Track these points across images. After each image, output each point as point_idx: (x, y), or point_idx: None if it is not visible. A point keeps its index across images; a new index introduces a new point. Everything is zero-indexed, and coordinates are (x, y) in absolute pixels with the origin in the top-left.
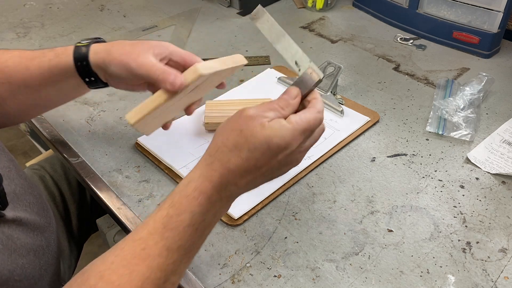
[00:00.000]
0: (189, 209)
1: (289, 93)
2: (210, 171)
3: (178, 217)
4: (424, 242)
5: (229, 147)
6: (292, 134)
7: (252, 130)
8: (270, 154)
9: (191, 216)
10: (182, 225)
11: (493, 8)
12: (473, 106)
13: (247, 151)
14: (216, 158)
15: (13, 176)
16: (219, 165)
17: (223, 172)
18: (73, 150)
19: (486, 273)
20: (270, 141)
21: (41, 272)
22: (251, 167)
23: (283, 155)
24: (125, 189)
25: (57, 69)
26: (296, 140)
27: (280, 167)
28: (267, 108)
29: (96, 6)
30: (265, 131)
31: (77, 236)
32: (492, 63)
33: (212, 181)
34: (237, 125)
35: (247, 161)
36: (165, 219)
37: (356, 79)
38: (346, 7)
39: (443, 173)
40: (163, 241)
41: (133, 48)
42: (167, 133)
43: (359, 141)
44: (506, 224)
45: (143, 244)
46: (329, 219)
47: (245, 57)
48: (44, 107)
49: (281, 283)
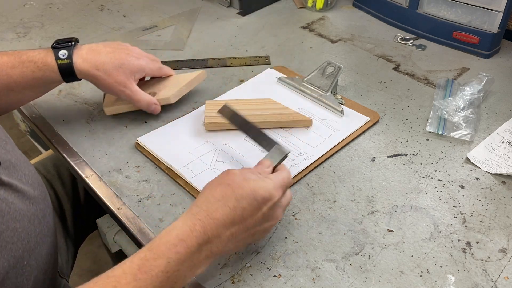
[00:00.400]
0: (166, 255)
1: (263, 164)
2: (194, 220)
3: (154, 262)
4: (424, 242)
5: (217, 197)
6: (274, 187)
7: (239, 183)
8: (256, 204)
9: (166, 263)
10: (156, 270)
11: (493, 8)
12: (473, 106)
13: (235, 200)
14: (202, 209)
15: (10, 148)
16: (204, 215)
17: (207, 222)
18: (73, 150)
19: (486, 273)
20: (256, 192)
21: (37, 240)
22: (237, 217)
23: (267, 208)
24: (125, 189)
25: (42, 80)
26: (277, 192)
27: (262, 222)
28: (248, 171)
29: (96, 6)
30: (251, 183)
31: (73, 234)
32: (492, 63)
33: (194, 230)
34: (224, 180)
35: (234, 210)
36: (141, 261)
37: (356, 79)
38: (346, 7)
39: (443, 173)
40: (135, 283)
41: (117, 74)
42: (167, 133)
43: (359, 141)
44: (506, 224)
45: (115, 282)
46: (329, 219)
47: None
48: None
49: (281, 283)
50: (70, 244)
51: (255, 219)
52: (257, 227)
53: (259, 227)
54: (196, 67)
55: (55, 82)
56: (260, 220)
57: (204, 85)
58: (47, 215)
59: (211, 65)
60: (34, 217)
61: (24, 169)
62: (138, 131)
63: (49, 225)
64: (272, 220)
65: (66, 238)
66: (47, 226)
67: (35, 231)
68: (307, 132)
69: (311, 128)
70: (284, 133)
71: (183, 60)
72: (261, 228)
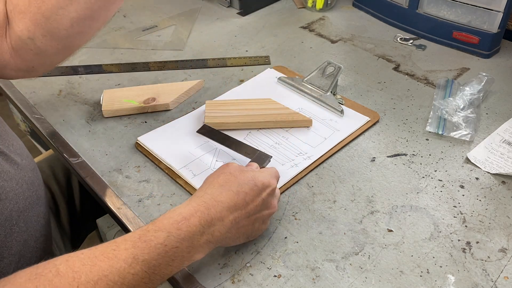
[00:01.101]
0: (167, 229)
1: (252, 165)
2: (199, 201)
3: (155, 233)
4: (424, 242)
5: (220, 183)
6: (270, 175)
7: (240, 171)
8: (257, 189)
9: (166, 236)
10: (155, 241)
11: (493, 8)
12: (473, 106)
13: (237, 185)
14: (206, 192)
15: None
16: (208, 198)
17: (211, 204)
18: (73, 150)
19: (486, 273)
20: (256, 178)
21: (26, 204)
22: (240, 201)
23: (266, 194)
24: (125, 189)
25: None
26: (273, 180)
27: (262, 208)
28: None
29: None
30: (250, 173)
31: (69, 232)
32: (492, 63)
33: (198, 210)
34: (225, 170)
35: (237, 194)
36: (142, 231)
37: (356, 79)
38: (346, 7)
39: (443, 173)
40: (133, 249)
41: None
42: (167, 133)
43: (359, 141)
44: (506, 224)
45: (115, 246)
46: (329, 219)
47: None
48: (87, 20)
49: (281, 283)
50: (67, 242)
51: (255, 205)
52: (257, 214)
53: (258, 214)
54: (196, 67)
55: None
56: (260, 206)
57: (204, 85)
58: (36, 185)
59: (211, 65)
60: (22, 181)
61: (11, 140)
62: (138, 131)
63: (39, 196)
64: (269, 208)
65: (62, 236)
66: (36, 195)
67: (23, 195)
68: (307, 132)
69: (311, 128)
70: (284, 133)
71: (183, 60)
72: (260, 215)
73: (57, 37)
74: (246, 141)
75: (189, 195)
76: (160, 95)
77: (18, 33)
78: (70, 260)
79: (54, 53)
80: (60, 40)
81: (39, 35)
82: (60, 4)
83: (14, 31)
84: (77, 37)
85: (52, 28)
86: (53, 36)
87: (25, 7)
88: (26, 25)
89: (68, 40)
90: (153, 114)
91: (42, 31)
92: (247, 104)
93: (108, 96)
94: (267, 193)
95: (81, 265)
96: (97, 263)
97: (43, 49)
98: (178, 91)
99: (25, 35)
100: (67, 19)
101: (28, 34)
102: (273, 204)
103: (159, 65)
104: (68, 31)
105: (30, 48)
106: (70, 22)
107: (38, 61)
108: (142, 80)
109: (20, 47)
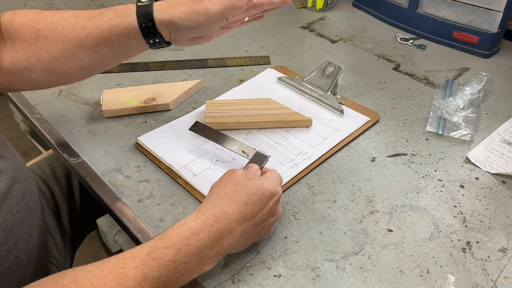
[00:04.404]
0: (177, 245)
1: (252, 167)
2: (208, 214)
3: (164, 250)
4: (424, 242)
5: (228, 193)
6: (275, 182)
7: (247, 180)
8: (264, 199)
9: (176, 253)
10: (165, 258)
11: (493, 8)
12: (473, 106)
13: (246, 195)
14: (215, 204)
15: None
16: (217, 210)
17: (220, 217)
18: (73, 150)
19: (486, 273)
20: (263, 187)
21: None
22: (249, 212)
23: (273, 202)
24: (125, 189)
25: (117, 29)
26: (279, 187)
27: (268, 217)
28: (247, 172)
29: (96, 6)
30: (256, 181)
31: (69, 232)
32: (492, 63)
33: (207, 224)
34: (232, 178)
35: (246, 205)
36: (151, 248)
37: (356, 79)
38: (346, 7)
39: (443, 173)
40: (142, 267)
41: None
42: (167, 133)
43: (359, 141)
44: (506, 224)
45: (124, 264)
46: (329, 219)
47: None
48: (96, 69)
49: (281, 283)
50: (67, 242)
51: (263, 214)
52: (264, 223)
53: (265, 223)
54: (196, 67)
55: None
56: (267, 214)
57: (204, 85)
58: (27, 196)
59: (211, 65)
60: (11, 197)
61: (1, 151)
62: (138, 131)
63: (30, 206)
64: (275, 215)
65: (63, 235)
66: (27, 207)
67: (12, 211)
68: (307, 132)
69: (311, 128)
70: (284, 133)
71: (183, 60)
72: (266, 223)
73: (58, 76)
74: (246, 141)
75: (189, 195)
76: (160, 95)
77: (15, 59)
78: (79, 280)
79: (46, 85)
80: (60, 78)
81: (38, 69)
82: (74, 51)
83: (9, 54)
84: (78, 79)
85: (56, 68)
86: (54, 74)
87: (30, 38)
88: (27, 55)
89: (67, 80)
90: (153, 114)
91: (44, 67)
92: (247, 104)
93: (108, 96)
94: (274, 201)
95: (90, 285)
96: (107, 283)
97: (37, 80)
98: (178, 91)
99: (22, 63)
100: (75, 65)
101: (26, 64)
102: (279, 211)
103: (159, 65)
104: (72, 74)
105: (23, 76)
106: (78, 68)
107: (26, 87)
108: (142, 80)
109: (12, 72)
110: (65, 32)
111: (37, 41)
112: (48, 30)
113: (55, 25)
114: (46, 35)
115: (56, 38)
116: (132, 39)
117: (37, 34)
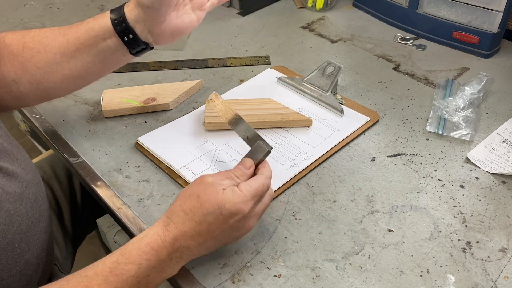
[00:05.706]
0: (137, 261)
1: (244, 164)
2: (165, 231)
3: (125, 266)
4: (424, 242)
5: (185, 210)
6: (243, 201)
7: (208, 196)
8: (222, 219)
9: (137, 269)
10: (127, 274)
11: (493, 8)
12: (473, 106)
13: (201, 215)
14: (172, 221)
15: (2, 134)
16: (174, 227)
17: (176, 234)
18: (73, 150)
19: (486, 273)
20: (223, 207)
21: (29, 223)
22: (203, 230)
23: (234, 221)
24: (125, 189)
25: (94, 30)
26: (247, 206)
27: (231, 232)
28: (224, 176)
29: (96, 6)
30: (218, 198)
31: (71, 232)
32: (492, 63)
33: (165, 240)
34: (196, 191)
35: (200, 224)
36: (113, 264)
37: (356, 79)
38: (346, 7)
39: (443, 173)
40: (105, 285)
41: None
42: (167, 133)
43: (359, 141)
44: (506, 224)
45: (87, 282)
46: (329, 219)
47: (245, 57)
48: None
49: (281, 283)
50: (68, 242)
51: (221, 230)
52: (226, 238)
53: (228, 237)
54: (196, 67)
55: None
56: (228, 231)
57: (204, 85)
58: (39, 200)
59: (211, 65)
60: (27, 200)
61: (16, 154)
62: (138, 131)
63: (42, 210)
64: (241, 230)
65: (65, 236)
66: (39, 211)
67: (27, 215)
68: (307, 132)
69: (311, 128)
70: (284, 133)
71: (183, 60)
72: (230, 237)
73: (43, 88)
74: None
75: None
76: (160, 95)
77: (4, 72)
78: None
79: (33, 100)
80: (45, 91)
81: (25, 81)
82: (56, 59)
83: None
84: (63, 91)
85: (41, 79)
86: (39, 85)
87: (18, 51)
88: (15, 68)
89: (52, 92)
90: (153, 114)
91: (30, 78)
92: (247, 104)
93: (108, 96)
94: (235, 220)
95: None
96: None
97: (24, 94)
98: (178, 91)
99: (11, 76)
100: (59, 75)
101: (14, 77)
102: (246, 226)
103: (159, 65)
104: (57, 85)
105: (12, 90)
106: (61, 78)
107: (13, 103)
108: (142, 80)
109: (1, 86)
110: (49, 41)
111: (23, 52)
112: (33, 42)
113: (41, 36)
114: (31, 46)
115: (40, 48)
116: (107, 39)
117: (23, 46)
